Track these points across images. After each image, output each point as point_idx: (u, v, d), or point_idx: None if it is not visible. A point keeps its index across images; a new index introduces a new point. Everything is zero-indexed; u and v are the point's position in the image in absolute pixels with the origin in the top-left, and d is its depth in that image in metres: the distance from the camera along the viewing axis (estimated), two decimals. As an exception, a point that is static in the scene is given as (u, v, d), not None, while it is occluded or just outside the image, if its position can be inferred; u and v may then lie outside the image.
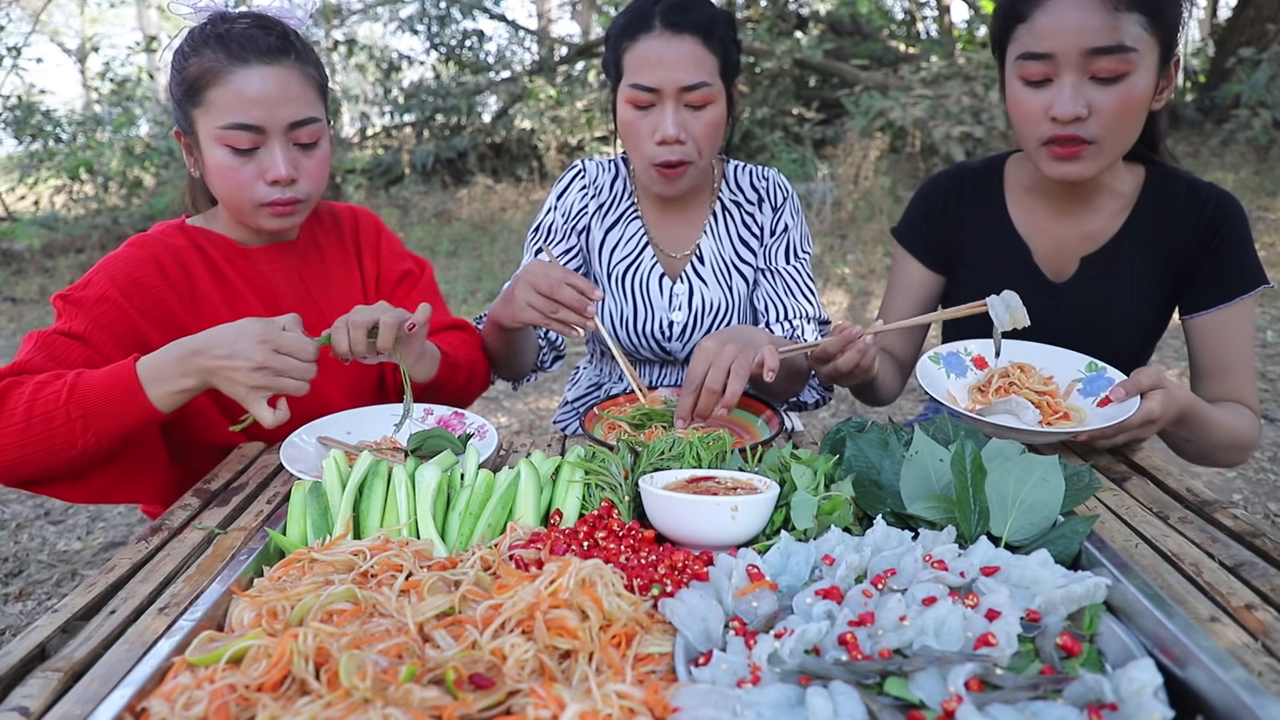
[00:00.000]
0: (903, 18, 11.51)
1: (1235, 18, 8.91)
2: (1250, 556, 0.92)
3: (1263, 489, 3.06)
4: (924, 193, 1.68)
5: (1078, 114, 1.30)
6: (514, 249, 7.46)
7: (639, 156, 1.59)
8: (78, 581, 2.79)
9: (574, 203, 1.74)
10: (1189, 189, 1.47)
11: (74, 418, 1.18)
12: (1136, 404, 1.23)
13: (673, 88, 1.50)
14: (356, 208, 1.71)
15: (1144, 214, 1.48)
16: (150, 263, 1.41)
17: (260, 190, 1.38)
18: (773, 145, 8.92)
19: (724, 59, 1.56)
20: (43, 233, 8.24)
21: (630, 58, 1.54)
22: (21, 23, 11.43)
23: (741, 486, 1.02)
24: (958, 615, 0.72)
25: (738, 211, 1.75)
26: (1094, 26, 1.26)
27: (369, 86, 11.35)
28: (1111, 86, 1.29)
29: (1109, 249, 1.50)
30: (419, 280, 1.69)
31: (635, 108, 1.55)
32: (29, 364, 1.26)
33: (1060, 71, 1.31)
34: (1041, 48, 1.30)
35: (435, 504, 1.02)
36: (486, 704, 0.67)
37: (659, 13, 1.51)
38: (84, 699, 0.73)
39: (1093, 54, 1.27)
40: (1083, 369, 1.37)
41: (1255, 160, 7.58)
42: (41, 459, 1.20)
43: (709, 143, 1.57)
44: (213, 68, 1.33)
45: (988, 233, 1.59)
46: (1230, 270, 1.45)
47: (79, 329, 1.32)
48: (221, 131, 1.34)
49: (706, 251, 1.73)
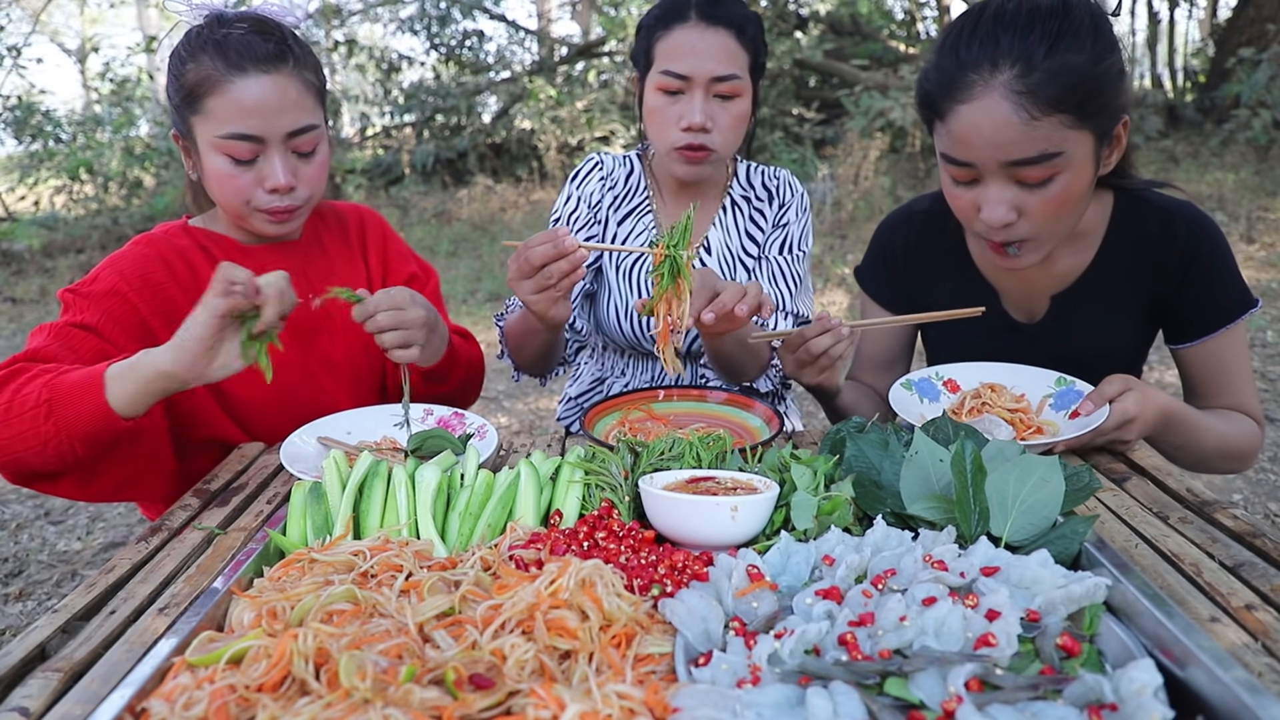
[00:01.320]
0: (903, 18, 11.51)
1: (1235, 18, 8.91)
2: (1250, 557, 0.92)
3: (1263, 489, 3.06)
4: (880, 237, 1.63)
5: (1007, 221, 1.22)
6: (514, 249, 7.45)
7: (663, 141, 1.61)
8: (78, 582, 2.79)
9: (593, 191, 1.76)
10: (1161, 217, 1.39)
11: (41, 415, 1.16)
12: (1107, 410, 1.23)
13: (704, 77, 1.54)
14: (362, 207, 1.71)
15: (1114, 247, 1.41)
16: (157, 260, 1.41)
17: (259, 197, 1.39)
18: (773, 145, 8.92)
19: (754, 57, 1.60)
20: (43, 233, 8.24)
21: (663, 46, 1.57)
22: (21, 23, 11.43)
23: (741, 487, 1.02)
24: (958, 615, 0.72)
25: (747, 207, 1.77)
26: (1010, 139, 1.16)
27: (369, 87, 11.35)
28: (1040, 189, 1.20)
29: (1080, 286, 1.44)
30: (424, 285, 1.70)
31: (665, 94, 1.58)
32: (42, 351, 1.25)
33: (984, 178, 1.22)
34: (960, 155, 1.21)
35: (435, 504, 1.02)
36: (486, 704, 0.67)
37: (695, 5, 1.55)
38: (84, 699, 0.73)
39: (1013, 165, 1.18)
40: (1052, 384, 1.38)
41: (1255, 160, 7.58)
42: (18, 453, 1.18)
43: (733, 134, 1.60)
44: (210, 76, 1.32)
45: (951, 277, 1.54)
46: (1215, 299, 1.39)
47: (91, 320, 1.31)
48: (220, 141, 1.34)
49: (714, 243, 1.75)
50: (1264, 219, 6.28)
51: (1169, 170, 7.73)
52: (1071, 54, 1.14)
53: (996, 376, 1.42)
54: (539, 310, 1.36)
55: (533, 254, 1.29)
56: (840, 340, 1.35)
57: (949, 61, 1.21)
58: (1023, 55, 1.15)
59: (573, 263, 1.30)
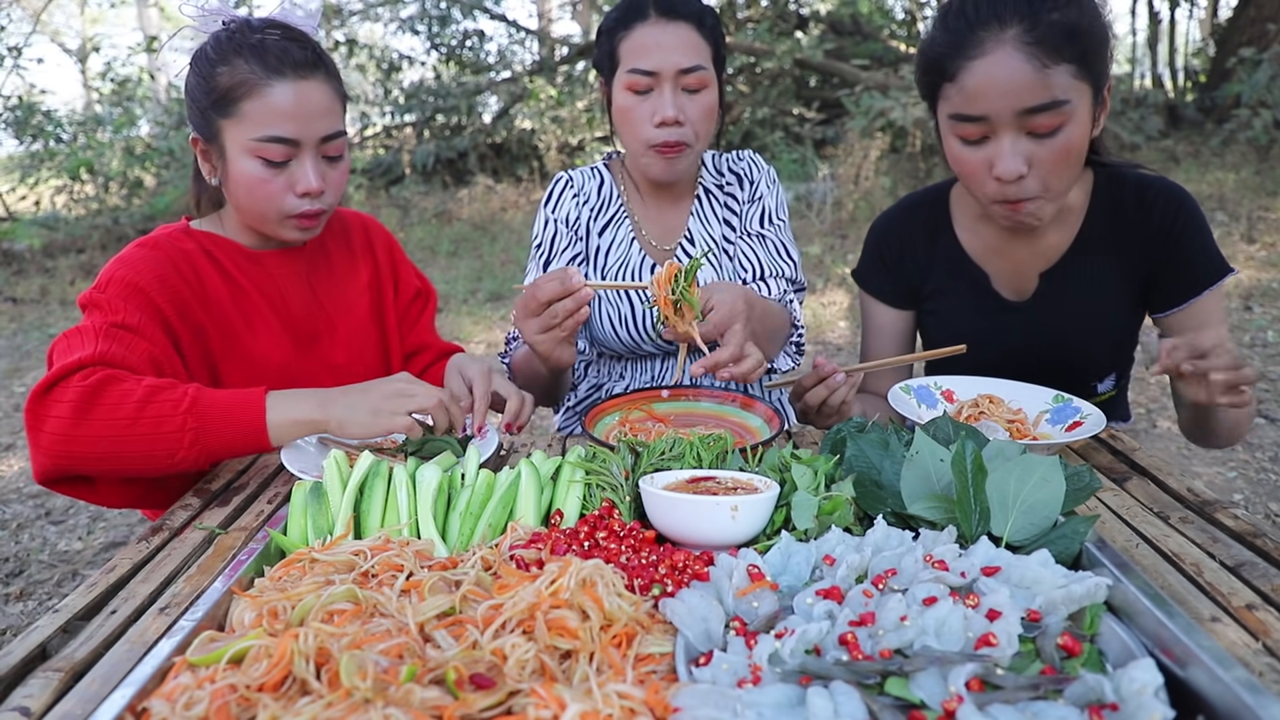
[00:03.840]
0: (903, 17, 11.50)
1: (1236, 17, 8.91)
2: (1251, 556, 0.92)
3: (1263, 489, 3.06)
4: (875, 236, 1.68)
5: (1020, 173, 1.28)
6: (514, 249, 7.46)
7: (636, 141, 1.62)
8: (78, 581, 2.79)
9: (569, 211, 1.76)
10: (1136, 188, 1.46)
11: (188, 427, 1.19)
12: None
13: (671, 70, 1.55)
14: (365, 216, 1.74)
15: (1096, 221, 1.48)
16: (165, 262, 1.41)
17: (289, 202, 1.40)
18: (773, 145, 8.92)
19: (715, 48, 1.61)
20: (43, 233, 8.24)
21: (627, 46, 1.58)
22: (22, 23, 11.44)
23: (742, 486, 1.02)
24: (958, 615, 0.72)
25: (720, 194, 1.79)
26: (1023, 86, 1.23)
27: (369, 87, 11.35)
28: (1049, 140, 1.27)
29: (1067, 260, 1.50)
30: (427, 304, 1.74)
31: (634, 93, 1.59)
32: (110, 354, 1.24)
33: (996, 131, 1.28)
34: (974, 110, 1.28)
35: (436, 504, 1.02)
36: (487, 704, 0.67)
37: (653, 2, 1.57)
38: (85, 699, 0.74)
39: (1027, 113, 1.25)
40: (1049, 401, 1.39)
41: (1256, 160, 7.58)
42: (131, 459, 1.19)
43: (705, 126, 1.62)
44: (248, 79, 1.34)
45: (944, 264, 1.59)
46: (1192, 263, 1.45)
47: (131, 321, 1.31)
48: (255, 144, 1.35)
49: (695, 233, 1.76)
50: (1265, 219, 6.28)
51: (1169, 170, 7.72)
52: (1070, 10, 1.24)
53: (995, 390, 1.43)
54: (543, 352, 1.39)
55: (540, 290, 1.32)
56: (836, 389, 1.40)
57: (956, 23, 1.29)
58: (1028, 12, 1.24)
59: (578, 301, 1.32)
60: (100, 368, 1.21)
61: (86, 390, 1.18)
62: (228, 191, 1.43)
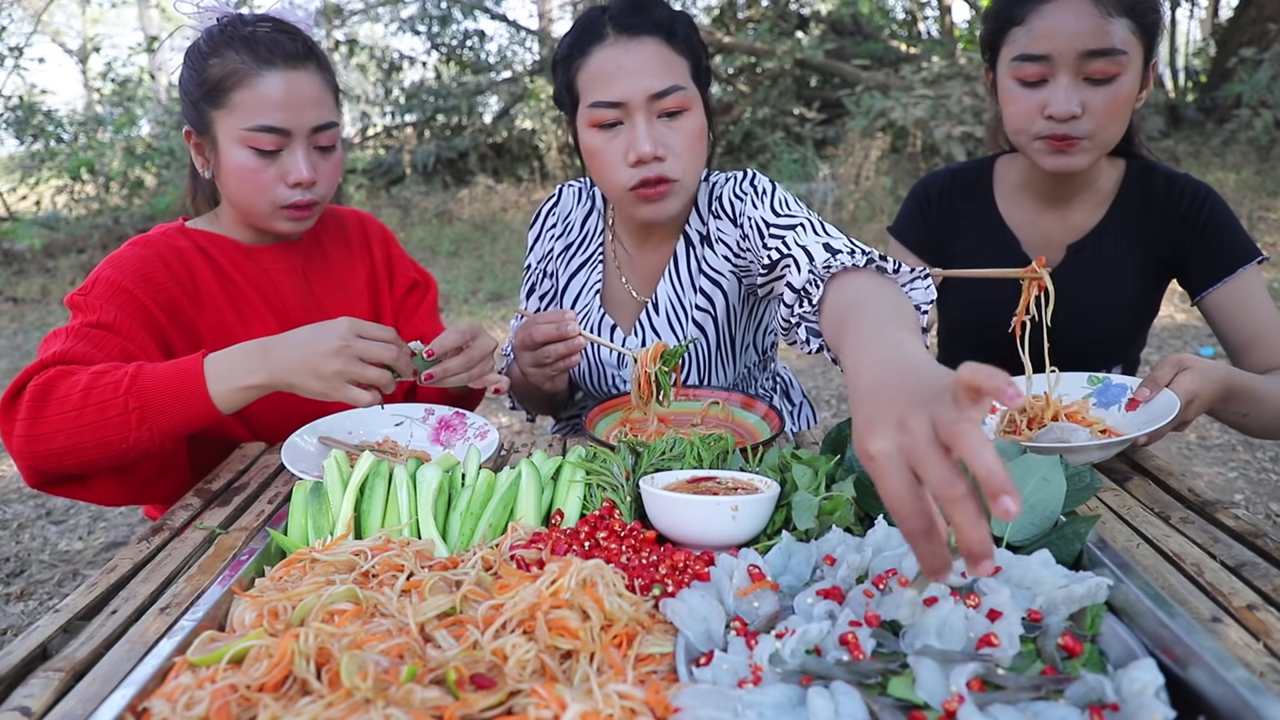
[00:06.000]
0: (904, 18, 11.50)
1: (1236, 18, 8.90)
2: (1252, 557, 0.92)
3: (1264, 489, 3.06)
4: (919, 188, 1.75)
5: (1073, 112, 1.37)
6: (515, 249, 7.46)
7: (613, 186, 1.37)
8: (79, 581, 2.79)
9: (541, 245, 1.65)
10: (1166, 180, 1.54)
11: (131, 408, 1.17)
12: (1171, 396, 1.21)
13: (641, 96, 1.31)
14: (361, 212, 1.74)
15: (1125, 204, 1.56)
16: (156, 260, 1.41)
17: (281, 192, 1.40)
18: (773, 145, 8.92)
19: (694, 61, 1.37)
20: (44, 233, 8.24)
21: (585, 76, 1.34)
22: (23, 23, 11.44)
23: (742, 486, 1.02)
24: (959, 615, 0.72)
25: (701, 246, 1.51)
26: (1088, 30, 1.34)
27: (370, 86, 11.35)
28: (1103, 87, 1.37)
29: (1094, 236, 1.56)
30: (425, 294, 1.73)
31: (601, 129, 1.34)
32: (70, 353, 1.24)
33: (1055, 72, 1.38)
34: (1038, 50, 1.37)
35: (436, 504, 1.02)
36: (488, 704, 0.67)
37: (609, 19, 1.33)
38: (85, 699, 0.73)
39: (1087, 56, 1.35)
40: (1085, 384, 1.35)
41: (1257, 160, 7.57)
42: (89, 449, 1.18)
43: (692, 156, 1.36)
44: (238, 70, 1.34)
45: (978, 226, 1.65)
46: (1223, 246, 1.50)
47: (108, 319, 1.31)
48: (246, 133, 1.35)
49: (662, 298, 1.53)
50: (1265, 219, 6.27)
51: (1170, 170, 7.71)
52: None
53: (1025, 387, 1.34)
54: (535, 382, 1.42)
55: (536, 330, 1.33)
56: None
57: None
58: None
59: (570, 347, 1.33)
60: (55, 366, 1.21)
61: (38, 390, 1.18)
62: (220, 183, 1.44)
